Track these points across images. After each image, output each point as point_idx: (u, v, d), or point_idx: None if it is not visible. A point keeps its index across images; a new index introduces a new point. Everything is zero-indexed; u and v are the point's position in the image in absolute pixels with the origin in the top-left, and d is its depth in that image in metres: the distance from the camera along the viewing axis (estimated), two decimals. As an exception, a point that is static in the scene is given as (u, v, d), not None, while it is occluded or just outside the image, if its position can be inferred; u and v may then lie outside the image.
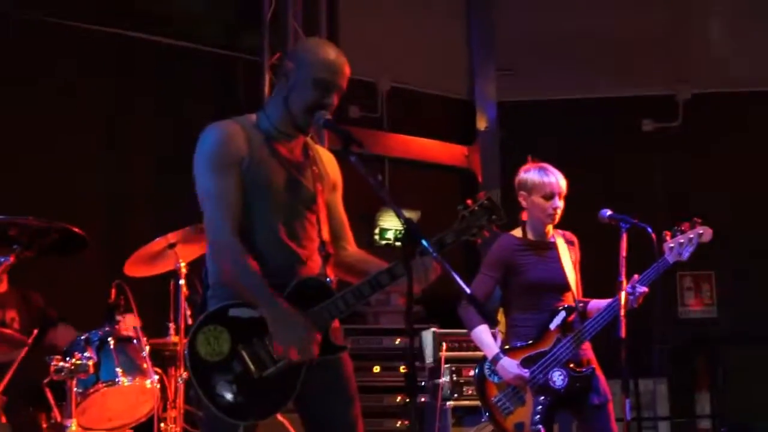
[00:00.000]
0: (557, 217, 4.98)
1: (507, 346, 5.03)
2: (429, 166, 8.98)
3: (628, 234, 4.75)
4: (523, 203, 4.99)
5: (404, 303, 3.27)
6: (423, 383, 6.90)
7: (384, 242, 8.28)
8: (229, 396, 3.41)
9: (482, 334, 4.96)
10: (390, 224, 8.24)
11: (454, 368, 6.59)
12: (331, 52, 3.63)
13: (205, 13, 7.75)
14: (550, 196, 4.91)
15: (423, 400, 6.80)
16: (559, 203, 4.94)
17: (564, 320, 4.87)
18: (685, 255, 4.83)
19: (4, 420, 5.06)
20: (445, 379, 6.57)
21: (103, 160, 7.39)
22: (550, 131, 8.94)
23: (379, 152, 8.55)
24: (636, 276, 4.79)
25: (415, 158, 8.90)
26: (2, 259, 4.81)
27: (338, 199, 3.80)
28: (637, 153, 9.17)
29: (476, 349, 6.50)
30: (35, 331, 5.23)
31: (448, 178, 9.15)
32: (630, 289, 4.74)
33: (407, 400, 6.96)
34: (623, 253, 4.68)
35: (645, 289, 4.79)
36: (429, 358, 6.84)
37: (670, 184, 9.14)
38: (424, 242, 3.24)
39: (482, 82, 9.32)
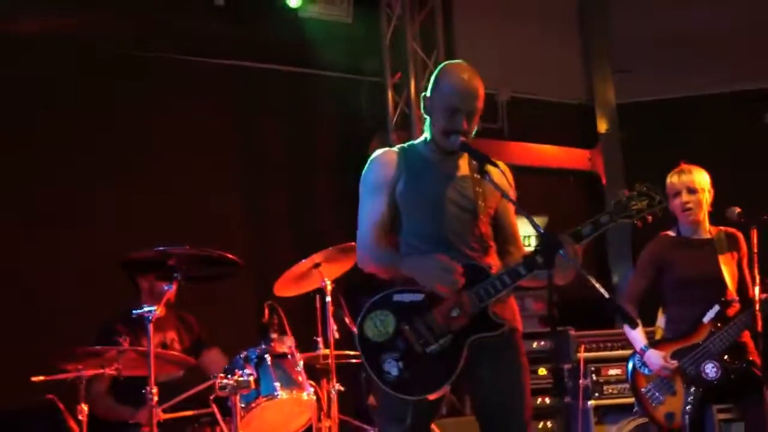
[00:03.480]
0: (692, 212, 5.13)
1: (659, 339, 5.21)
2: (553, 171, 9.06)
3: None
4: (670, 206, 5.17)
5: (540, 308, 3.47)
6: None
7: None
8: (395, 371, 3.64)
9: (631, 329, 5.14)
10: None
11: (593, 368, 6.73)
12: (461, 77, 3.85)
13: (329, 40, 8.01)
14: (675, 195, 5.14)
15: (566, 400, 6.95)
16: (687, 198, 5.11)
17: (719, 314, 4.98)
18: None
19: None
20: (586, 379, 6.69)
21: (240, 186, 7.68)
22: (670, 130, 8.92)
23: (503, 161, 8.59)
24: None
25: (538, 165, 8.96)
26: (166, 288, 5.11)
27: (507, 205, 3.93)
28: (760, 147, 9.09)
29: (613, 348, 6.73)
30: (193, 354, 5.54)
31: (573, 183, 9.24)
32: None
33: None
34: (755, 249, 4.77)
35: None
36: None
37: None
38: (561, 253, 3.45)
39: (600, 84, 9.34)
